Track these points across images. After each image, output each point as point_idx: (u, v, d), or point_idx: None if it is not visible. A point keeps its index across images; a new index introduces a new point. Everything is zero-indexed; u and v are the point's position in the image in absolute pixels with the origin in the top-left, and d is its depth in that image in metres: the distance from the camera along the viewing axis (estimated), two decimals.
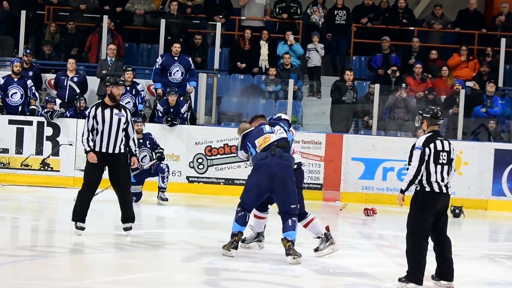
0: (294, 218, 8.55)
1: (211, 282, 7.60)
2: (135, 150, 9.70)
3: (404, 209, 7.70)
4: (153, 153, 13.10)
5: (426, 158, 7.52)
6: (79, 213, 9.43)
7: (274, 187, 8.54)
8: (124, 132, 9.50)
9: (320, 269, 8.38)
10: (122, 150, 9.50)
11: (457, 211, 13.47)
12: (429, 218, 7.51)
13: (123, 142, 9.50)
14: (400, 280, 7.56)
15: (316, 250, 8.93)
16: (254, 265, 8.45)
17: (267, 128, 8.84)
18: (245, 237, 9.21)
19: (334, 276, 8.24)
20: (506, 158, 14.60)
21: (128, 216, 9.59)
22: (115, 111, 9.47)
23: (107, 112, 9.43)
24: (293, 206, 8.56)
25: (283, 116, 9.19)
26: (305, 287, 7.76)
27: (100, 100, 9.73)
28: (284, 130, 8.85)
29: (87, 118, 9.46)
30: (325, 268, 8.42)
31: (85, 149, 9.47)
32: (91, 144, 9.40)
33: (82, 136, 9.49)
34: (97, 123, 9.38)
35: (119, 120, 9.46)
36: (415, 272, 7.47)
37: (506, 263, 9.81)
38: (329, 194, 14.60)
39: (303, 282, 7.90)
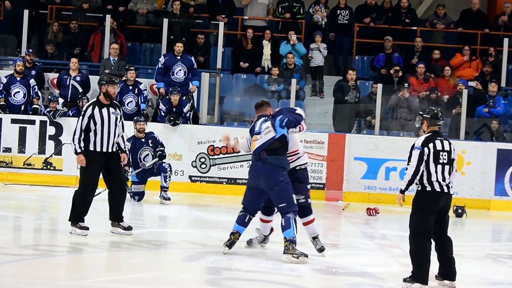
0: (288, 216, 8.44)
1: (213, 281, 7.59)
2: (125, 147, 9.68)
3: (407, 209, 7.69)
4: (155, 151, 13.10)
5: (425, 158, 7.51)
6: (80, 214, 9.40)
7: (263, 189, 8.61)
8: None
9: (323, 269, 8.36)
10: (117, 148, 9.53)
11: (459, 211, 13.46)
12: (431, 218, 7.50)
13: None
14: (405, 280, 7.54)
15: (321, 250, 8.89)
16: (256, 265, 8.44)
17: (257, 126, 8.80)
18: (251, 239, 9.21)
19: (336, 275, 8.24)
20: (508, 158, 14.58)
21: (121, 214, 9.58)
22: (111, 110, 9.46)
23: (105, 111, 9.40)
24: (282, 205, 8.49)
25: (298, 111, 8.91)
26: (308, 287, 7.75)
27: (95, 99, 9.63)
28: (273, 127, 8.62)
29: (81, 117, 9.36)
30: (327, 268, 8.40)
31: (75, 150, 9.34)
32: (82, 145, 9.31)
33: (74, 135, 9.34)
34: (95, 123, 9.32)
35: (116, 119, 9.46)
36: (419, 272, 7.46)
37: (508, 263, 9.80)
38: (331, 194, 14.59)
39: (306, 281, 7.90)
